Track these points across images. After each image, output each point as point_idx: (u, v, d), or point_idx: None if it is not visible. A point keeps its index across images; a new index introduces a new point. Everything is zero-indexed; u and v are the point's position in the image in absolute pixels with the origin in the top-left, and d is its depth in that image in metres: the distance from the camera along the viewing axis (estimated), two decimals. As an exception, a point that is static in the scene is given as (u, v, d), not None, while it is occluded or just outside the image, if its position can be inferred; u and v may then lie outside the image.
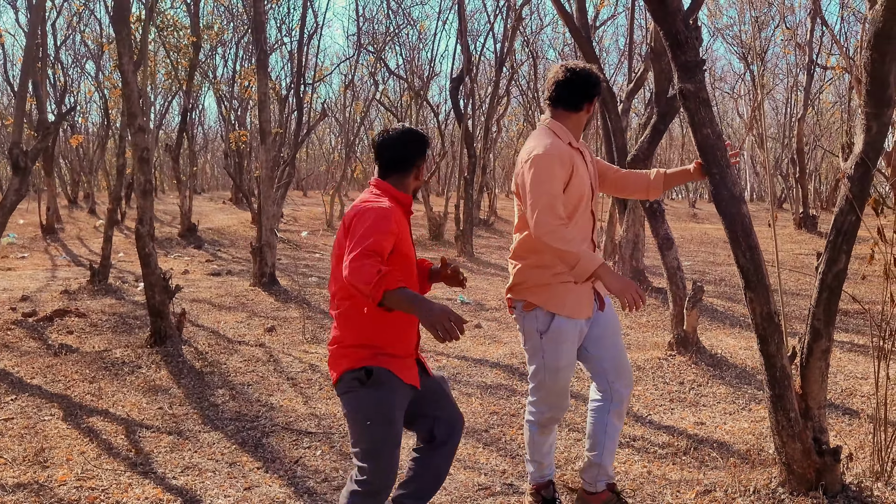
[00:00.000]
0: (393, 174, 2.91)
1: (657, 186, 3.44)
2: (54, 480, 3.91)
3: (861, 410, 5.01)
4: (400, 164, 2.91)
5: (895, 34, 3.14)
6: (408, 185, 2.94)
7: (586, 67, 3.25)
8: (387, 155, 2.90)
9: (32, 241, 15.77)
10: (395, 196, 2.88)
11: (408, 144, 2.91)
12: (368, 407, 2.73)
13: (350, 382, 2.75)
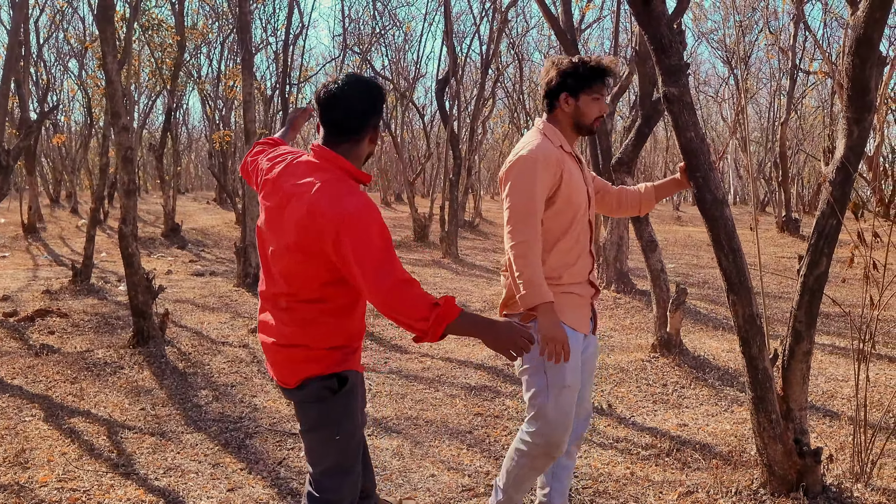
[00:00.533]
0: (344, 141, 2.36)
1: (649, 200, 3.31)
2: (35, 482, 3.88)
3: (841, 412, 5.06)
4: (353, 127, 2.35)
5: (876, 40, 3.18)
6: (361, 153, 2.40)
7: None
8: (335, 115, 2.33)
9: (14, 240, 15.63)
10: (349, 172, 2.35)
11: (362, 99, 2.33)
12: (339, 418, 2.43)
13: (319, 391, 2.40)
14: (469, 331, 2.27)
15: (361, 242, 2.21)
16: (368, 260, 2.21)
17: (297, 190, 2.32)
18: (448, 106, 14.65)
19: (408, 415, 5.00)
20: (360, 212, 2.23)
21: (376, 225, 2.23)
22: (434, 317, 2.19)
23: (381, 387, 5.60)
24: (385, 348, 6.79)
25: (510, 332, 2.27)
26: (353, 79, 2.34)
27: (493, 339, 2.27)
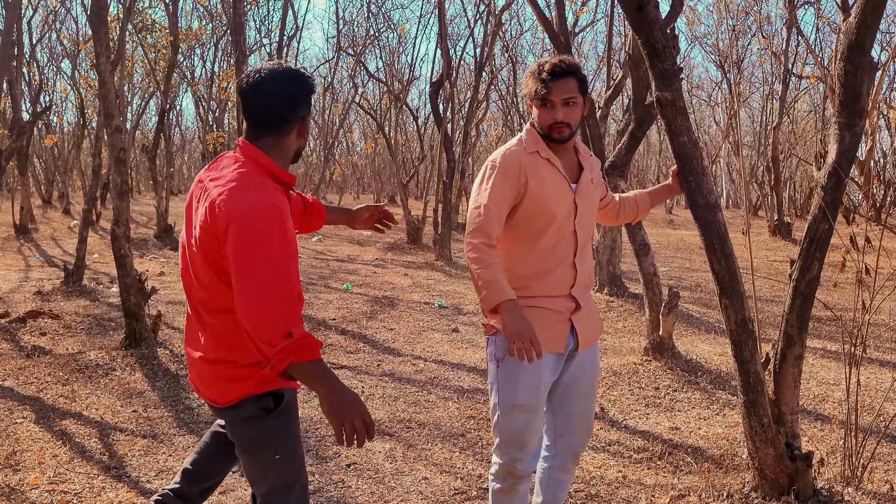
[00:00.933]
0: (267, 135, 2.18)
1: (644, 207, 3.26)
2: (26, 484, 3.86)
3: (833, 416, 5.08)
4: (276, 120, 2.17)
5: (868, 46, 3.20)
6: (286, 147, 2.22)
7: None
8: (257, 108, 2.16)
9: (5, 240, 15.56)
10: (268, 169, 2.17)
11: (286, 89, 2.16)
12: (277, 438, 2.27)
13: (253, 411, 2.23)
14: (314, 382, 2.05)
15: (246, 240, 2.02)
16: (246, 260, 2.02)
17: (208, 186, 2.16)
18: (442, 108, 14.66)
19: (400, 417, 4.99)
20: (257, 209, 2.04)
21: (273, 227, 2.04)
22: (283, 347, 1.99)
23: (374, 389, 5.60)
24: (378, 351, 6.79)
25: (354, 407, 2.07)
26: (277, 68, 2.17)
27: (333, 404, 2.06)
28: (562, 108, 2.68)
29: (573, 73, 2.70)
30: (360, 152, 35.24)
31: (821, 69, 14.86)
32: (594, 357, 2.92)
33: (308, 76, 2.24)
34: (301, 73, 2.21)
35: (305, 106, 2.21)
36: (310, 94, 2.22)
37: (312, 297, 9.24)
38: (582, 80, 2.73)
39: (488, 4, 16.33)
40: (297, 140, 2.24)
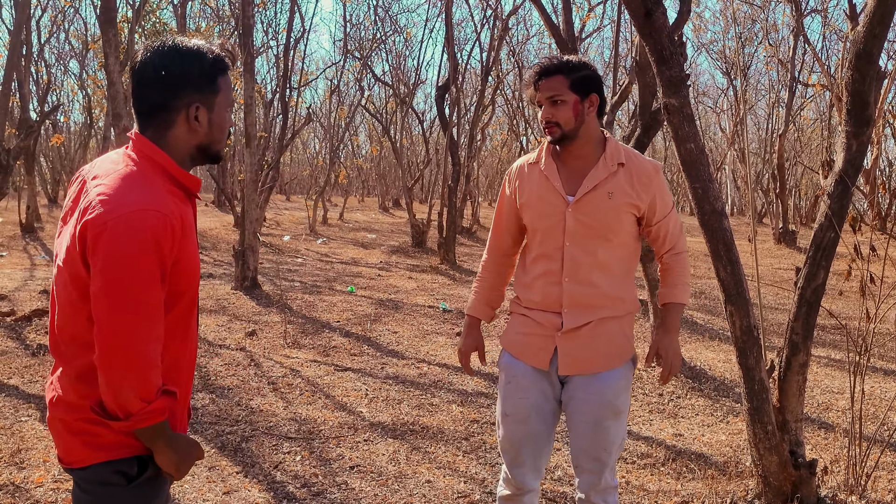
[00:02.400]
0: (150, 126, 1.78)
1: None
2: (31, 482, 3.87)
3: (837, 424, 5.07)
4: (155, 104, 1.77)
5: (875, 55, 3.21)
6: (176, 142, 1.79)
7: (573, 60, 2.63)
8: (136, 92, 1.77)
9: (11, 239, 15.61)
10: (168, 172, 1.78)
11: (165, 67, 1.74)
12: None
13: (108, 476, 1.76)
14: (162, 442, 1.74)
15: (118, 256, 1.62)
16: (117, 285, 1.62)
17: (89, 187, 1.74)
18: (447, 112, 14.68)
19: (404, 420, 5.00)
20: (136, 215, 1.63)
21: (150, 242, 1.63)
22: (155, 407, 1.68)
23: (378, 392, 5.61)
24: (381, 353, 6.80)
25: (191, 454, 1.81)
26: (160, 46, 1.76)
27: (175, 458, 1.76)
28: (549, 107, 2.57)
29: (560, 71, 2.56)
30: (365, 155, 35.30)
31: (827, 77, 14.86)
32: (601, 392, 2.61)
33: (198, 53, 1.77)
34: (188, 50, 1.76)
35: (191, 89, 1.76)
36: (196, 74, 1.76)
37: (317, 300, 9.26)
38: (576, 77, 2.56)
39: (495, 9, 16.36)
40: (188, 134, 1.79)
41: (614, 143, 2.65)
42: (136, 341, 1.63)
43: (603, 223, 2.58)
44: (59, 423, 1.79)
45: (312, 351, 6.81)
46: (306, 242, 17.37)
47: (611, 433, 2.63)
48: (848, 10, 11.68)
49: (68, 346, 1.76)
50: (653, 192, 2.60)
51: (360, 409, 5.20)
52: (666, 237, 2.67)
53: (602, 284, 2.61)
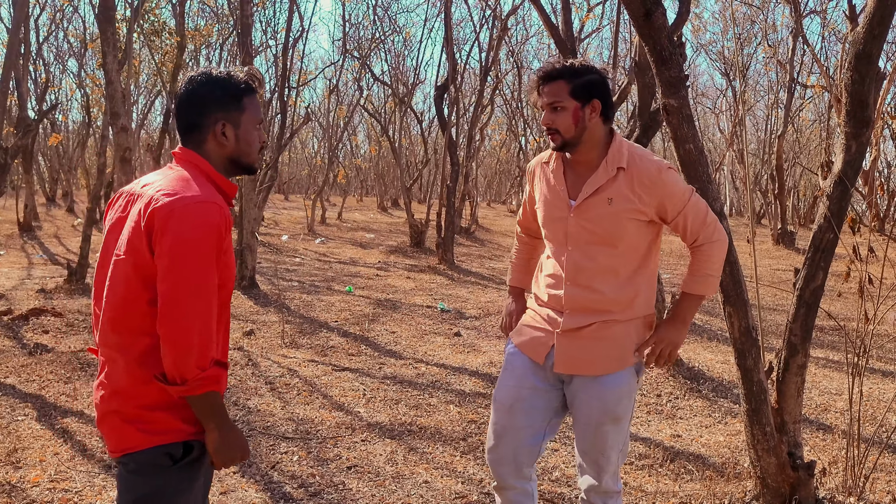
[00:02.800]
0: (188, 143, 2.08)
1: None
2: (27, 482, 3.86)
3: (835, 426, 5.07)
4: (190, 124, 2.06)
5: (875, 56, 3.20)
6: (208, 155, 2.07)
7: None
8: (177, 113, 2.09)
9: (9, 238, 15.59)
10: (206, 173, 2.05)
11: (198, 92, 2.04)
12: (176, 497, 2.00)
13: (156, 458, 1.96)
14: (211, 415, 1.94)
15: (186, 238, 1.86)
16: (184, 262, 1.85)
17: (141, 192, 2.00)
18: (446, 112, 14.67)
19: (402, 420, 4.99)
20: (199, 205, 1.89)
21: (213, 229, 1.89)
22: (210, 375, 1.88)
23: (376, 392, 5.60)
24: (380, 353, 6.79)
25: (241, 448, 2.01)
26: (197, 73, 2.07)
27: (223, 441, 1.96)
28: (549, 113, 2.55)
29: (561, 76, 2.53)
30: (364, 155, 35.29)
31: (826, 78, 14.86)
32: (602, 397, 2.60)
33: (222, 79, 2.05)
34: (214, 76, 2.05)
35: (217, 108, 2.03)
36: (220, 96, 2.03)
37: (315, 299, 9.25)
38: (577, 83, 2.52)
39: (494, 9, 16.35)
40: (218, 148, 2.06)
41: (619, 145, 2.58)
42: (195, 314, 1.85)
43: (604, 229, 2.56)
44: (113, 415, 1.98)
45: (310, 351, 6.79)
46: (305, 242, 17.36)
47: (609, 438, 2.62)
48: (847, 10, 11.68)
49: (125, 337, 1.94)
50: (657, 194, 2.53)
51: (357, 410, 5.19)
52: (686, 231, 2.60)
53: (606, 290, 2.58)
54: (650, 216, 2.57)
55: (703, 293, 2.64)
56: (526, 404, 2.69)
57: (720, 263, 2.62)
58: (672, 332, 2.63)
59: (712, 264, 2.61)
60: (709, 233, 2.59)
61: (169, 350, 1.86)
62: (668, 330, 2.64)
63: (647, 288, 2.66)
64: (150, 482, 1.97)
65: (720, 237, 2.61)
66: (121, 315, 1.94)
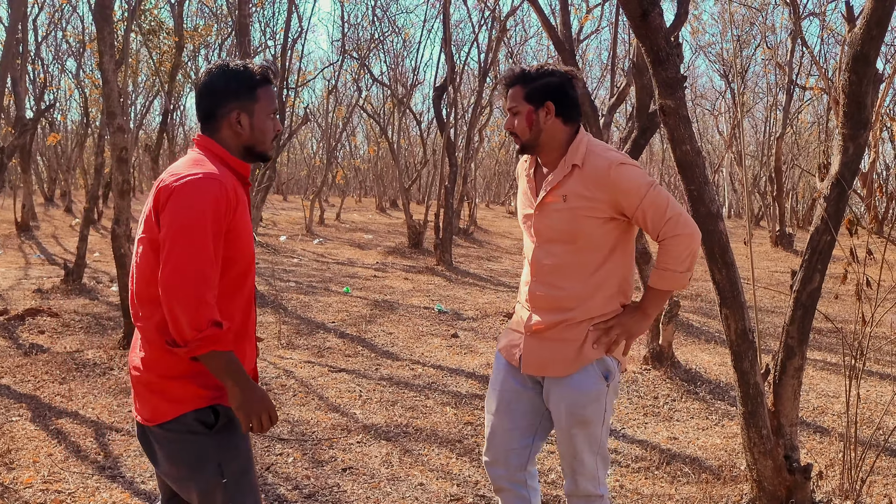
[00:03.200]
0: (205, 129, 2.22)
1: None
2: (20, 483, 3.84)
3: (832, 429, 5.05)
4: (206, 112, 2.20)
5: (872, 57, 3.19)
6: (224, 142, 2.19)
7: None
8: (197, 105, 2.22)
9: (6, 238, 15.57)
10: (224, 160, 2.18)
11: (214, 82, 2.17)
12: (222, 457, 2.12)
13: (192, 426, 2.09)
14: (227, 375, 2.02)
15: (182, 208, 1.99)
16: (179, 232, 1.97)
17: (165, 178, 2.12)
18: (445, 113, 14.66)
19: (398, 422, 4.97)
20: (198, 181, 2.02)
21: (210, 201, 2.00)
22: (208, 335, 1.96)
23: (372, 393, 5.58)
24: (376, 354, 6.77)
25: (262, 405, 2.07)
26: (209, 67, 2.20)
27: (243, 401, 2.04)
28: (510, 118, 2.63)
29: (516, 82, 2.60)
30: (363, 156, 35.28)
31: (825, 80, 14.86)
32: (568, 400, 2.60)
33: (239, 70, 2.17)
34: (231, 68, 2.17)
35: (231, 99, 2.16)
36: (236, 86, 2.15)
37: (312, 300, 9.23)
38: (531, 87, 2.57)
39: (493, 10, 16.34)
40: (233, 136, 2.19)
41: (577, 143, 2.59)
42: (188, 279, 1.95)
43: (562, 226, 2.58)
44: (142, 386, 2.12)
45: (307, 352, 6.78)
46: (303, 242, 17.33)
47: (578, 441, 2.61)
48: (846, 12, 11.68)
49: (147, 307, 2.08)
50: (609, 190, 2.51)
51: (353, 411, 5.17)
52: (647, 226, 2.57)
53: (567, 286, 2.59)
54: (607, 213, 2.54)
55: (664, 288, 2.59)
56: (509, 406, 2.74)
57: (684, 258, 2.55)
58: (630, 321, 2.59)
59: (674, 259, 2.55)
60: (670, 227, 2.53)
61: (167, 314, 1.98)
62: (626, 317, 2.60)
63: (613, 286, 2.62)
64: (191, 450, 2.08)
65: (683, 231, 2.53)
66: (142, 288, 2.08)
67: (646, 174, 2.56)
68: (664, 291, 2.60)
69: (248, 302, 2.21)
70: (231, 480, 2.11)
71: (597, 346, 2.57)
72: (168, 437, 2.10)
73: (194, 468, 2.09)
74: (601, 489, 2.66)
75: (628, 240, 2.64)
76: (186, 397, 2.08)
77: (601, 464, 2.66)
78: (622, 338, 2.59)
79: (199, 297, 1.95)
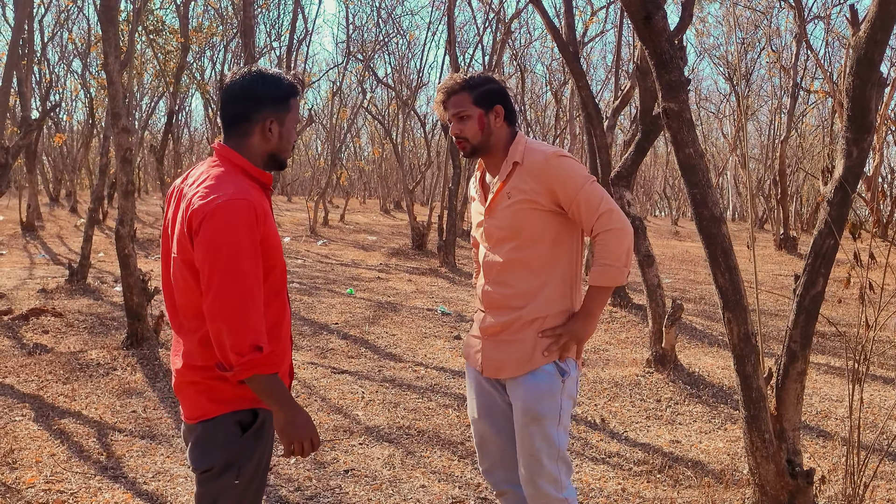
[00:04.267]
0: (233, 135, 2.20)
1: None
2: (22, 482, 3.85)
3: (835, 433, 5.04)
4: (238, 117, 2.18)
5: (877, 61, 3.18)
6: (253, 147, 2.20)
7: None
8: (224, 105, 2.21)
9: (12, 238, 15.61)
10: (242, 168, 2.17)
11: (251, 87, 2.17)
12: (243, 460, 2.15)
13: (229, 426, 2.14)
14: (270, 395, 2.08)
15: (218, 238, 2.01)
16: (217, 258, 2.01)
17: (186, 191, 2.16)
18: (449, 115, 14.64)
19: (400, 424, 4.97)
20: (228, 204, 2.03)
21: (242, 223, 2.03)
22: (251, 359, 2.00)
23: (374, 395, 5.58)
24: (379, 356, 6.77)
25: (306, 429, 2.12)
26: (249, 70, 2.21)
27: (287, 424, 2.10)
28: (457, 123, 2.68)
29: (463, 89, 2.67)
30: (367, 157, 35.29)
31: (829, 84, 14.83)
32: (522, 397, 2.62)
33: (276, 78, 2.20)
34: (270, 75, 2.20)
35: (268, 106, 2.18)
36: (273, 94, 2.18)
37: (315, 301, 9.24)
38: (478, 92, 2.66)
39: (498, 12, 16.35)
40: (262, 143, 2.20)
41: (517, 143, 2.67)
42: (232, 306, 2.00)
43: (507, 223, 2.63)
44: (187, 386, 2.17)
45: (310, 353, 6.78)
46: (307, 244, 17.35)
47: (535, 440, 2.60)
48: (850, 15, 11.65)
49: (191, 321, 2.14)
50: (544, 181, 2.57)
51: (355, 413, 5.18)
52: (581, 220, 2.60)
53: (515, 283, 2.63)
54: (547, 206, 2.59)
55: (603, 284, 2.60)
56: (489, 411, 2.78)
57: (620, 254, 2.56)
58: (576, 325, 2.61)
59: (609, 254, 2.56)
60: (603, 222, 2.55)
61: (214, 341, 2.04)
62: (573, 322, 2.62)
63: (560, 282, 2.64)
64: (223, 451, 2.12)
65: (615, 226, 2.55)
66: (185, 303, 2.13)
67: (584, 169, 2.62)
68: (605, 288, 2.62)
69: (283, 303, 2.25)
70: (241, 483, 2.15)
71: (547, 354, 2.60)
72: (205, 434, 2.14)
73: (221, 469, 2.13)
74: (564, 493, 2.63)
75: (572, 234, 2.66)
76: (231, 398, 2.13)
77: (563, 467, 2.63)
78: (571, 343, 2.62)
79: (243, 323, 2.00)
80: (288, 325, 2.29)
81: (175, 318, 2.20)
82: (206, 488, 2.16)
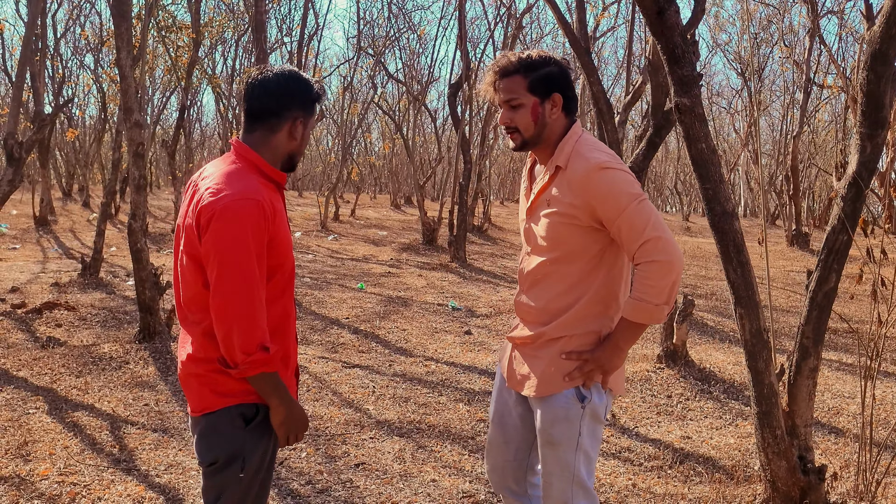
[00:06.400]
0: (258, 128, 2.20)
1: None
2: (36, 475, 3.88)
3: (847, 430, 5.02)
4: (266, 113, 2.19)
5: (892, 56, 3.16)
6: (276, 145, 2.21)
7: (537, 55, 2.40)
8: (251, 101, 2.20)
9: (25, 232, 15.70)
10: (257, 165, 2.18)
11: (280, 85, 2.18)
12: (248, 452, 2.17)
13: (232, 418, 2.15)
14: (273, 392, 2.12)
15: (225, 237, 2.03)
16: (224, 258, 2.03)
17: (199, 185, 2.17)
18: (460, 110, 14.66)
19: (411, 418, 4.99)
20: (237, 203, 2.04)
21: (250, 223, 2.04)
22: (256, 359, 2.04)
23: (385, 389, 5.59)
24: (390, 351, 6.78)
25: (301, 423, 2.21)
26: (279, 68, 2.22)
27: (286, 418, 2.17)
28: (507, 111, 2.37)
29: (517, 71, 2.34)
30: (377, 152, 35.31)
31: (842, 79, 14.74)
32: (540, 417, 2.42)
33: (309, 81, 2.23)
34: (303, 77, 2.23)
35: (298, 105, 2.20)
36: (305, 95, 2.21)
37: (326, 296, 9.26)
38: (535, 77, 2.34)
39: (509, 7, 16.32)
40: (287, 141, 2.22)
41: (567, 140, 2.39)
42: (238, 305, 2.03)
43: (542, 234, 2.40)
44: (192, 378, 2.19)
45: (320, 347, 6.80)
46: (317, 239, 17.38)
47: (548, 461, 2.41)
48: (864, 10, 11.57)
49: (195, 313, 2.16)
50: (586, 197, 2.28)
51: (366, 407, 5.19)
52: (622, 245, 2.31)
53: (544, 298, 2.42)
54: (585, 221, 2.31)
55: (638, 320, 2.30)
56: (502, 420, 2.63)
57: (661, 289, 2.24)
58: (603, 356, 2.36)
59: (648, 288, 2.25)
60: (647, 250, 2.23)
61: (219, 337, 2.06)
62: (600, 351, 2.37)
63: (594, 301, 2.38)
64: (227, 443, 2.15)
65: (660, 258, 2.22)
66: (191, 295, 2.16)
67: (633, 183, 2.28)
68: (637, 324, 2.32)
69: (290, 301, 2.27)
70: (247, 476, 2.17)
71: (568, 380, 2.37)
72: (209, 426, 2.17)
73: (226, 462, 2.15)
74: None
75: (618, 251, 2.38)
76: (234, 391, 2.15)
77: (579, 492, 2.39)
78: (596, 373, 2.37)
79: (249, 321, 2.04)
80: (294, 323, 2.30)
81: (181, 310, 2.23)
82: (211, 481, 2.18)
